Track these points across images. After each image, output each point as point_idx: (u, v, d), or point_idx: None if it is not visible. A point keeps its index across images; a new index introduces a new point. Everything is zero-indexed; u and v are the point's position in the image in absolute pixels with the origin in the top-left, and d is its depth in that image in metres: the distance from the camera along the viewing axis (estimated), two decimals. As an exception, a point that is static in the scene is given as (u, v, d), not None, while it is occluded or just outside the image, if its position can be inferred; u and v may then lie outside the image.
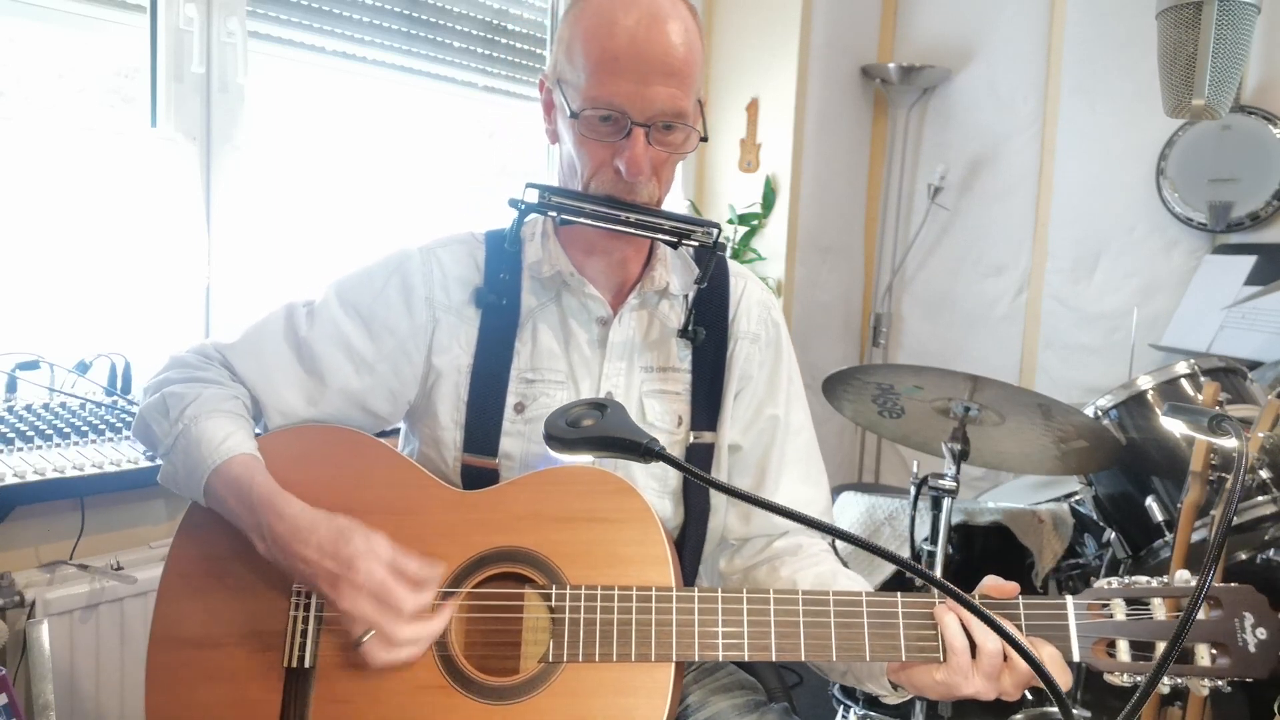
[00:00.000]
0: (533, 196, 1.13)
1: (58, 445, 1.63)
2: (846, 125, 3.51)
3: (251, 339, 1.21)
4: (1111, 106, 3.08)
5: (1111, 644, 1.01)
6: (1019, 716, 2.02)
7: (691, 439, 1.23)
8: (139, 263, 2.04)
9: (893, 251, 3.59)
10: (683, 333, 1.24)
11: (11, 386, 1.77)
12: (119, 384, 1.87)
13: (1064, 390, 3.12)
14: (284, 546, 1.04)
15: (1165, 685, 0.99)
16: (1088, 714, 1.95)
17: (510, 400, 1.20)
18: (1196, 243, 2.94)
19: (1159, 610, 1.01)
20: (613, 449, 0.95)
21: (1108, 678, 1.01)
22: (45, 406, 1.73)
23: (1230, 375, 1.89)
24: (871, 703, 2.13)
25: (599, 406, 0.98)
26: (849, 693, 2.17)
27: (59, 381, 1.83)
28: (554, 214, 1.12)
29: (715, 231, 1.14)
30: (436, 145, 2.67)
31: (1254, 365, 2.37)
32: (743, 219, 3.29)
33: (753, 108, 3.29)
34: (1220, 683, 0.99)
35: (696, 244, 1.14)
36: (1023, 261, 3.33)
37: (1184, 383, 1.89)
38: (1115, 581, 1.04)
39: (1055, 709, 1.89)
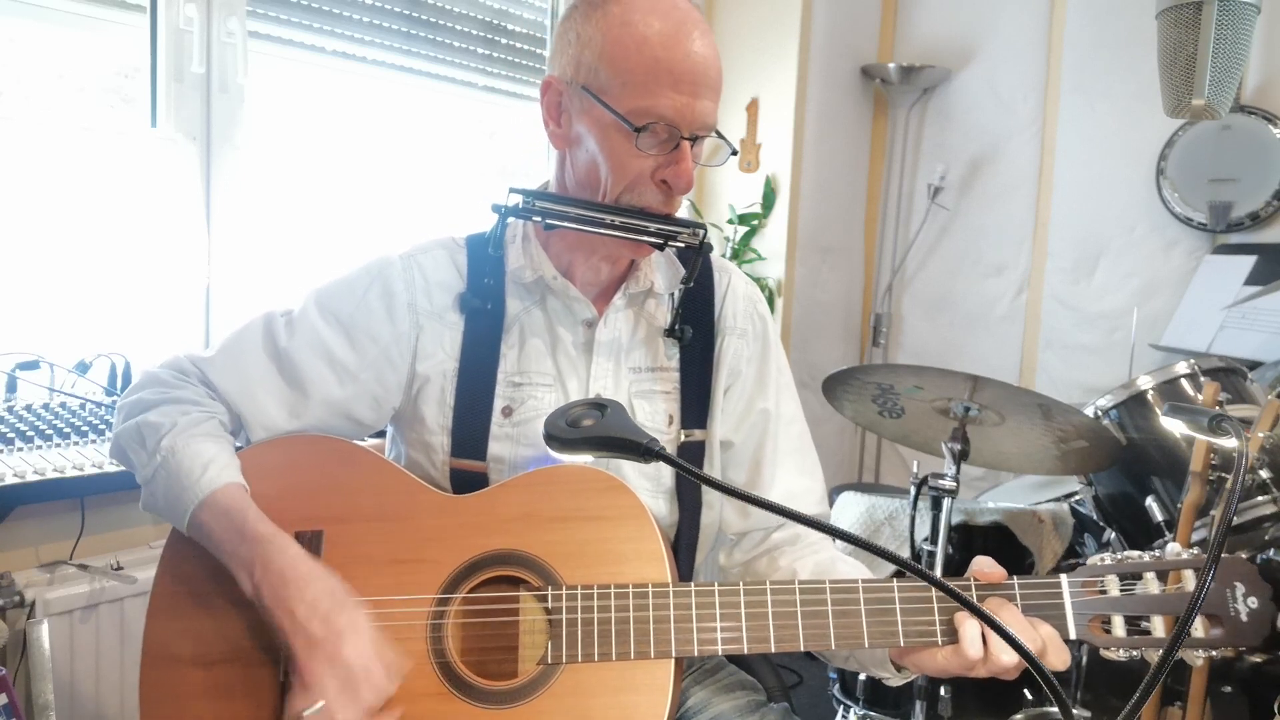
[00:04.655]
0: (515, 201, 1.12)
1: (58, 445, 1.63)
2: (846, 125, 3.51)
3: (230, 352, 1.18)
4: (1111, 106, 3.08)
5: (1107, 620, 1.01)
6: (1019, 717, 2.01)
7: (683, 437, 1.23)
8: (139, 263, 2.04)
9: (893, 251, 3.58)
10: (669, 332, 1.23)
11: (11, 386, 1.77)
12: (119, 384, 1.87)
13: (1064, 390, 3.12)
14: (273, 592, 1.01)
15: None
16: (1087, 714, 1.95)
17: (498, 404, 1.19)
18: (1196, 243, 2.94)
19: (1152, 584, 1.01)
20: (612, 449, 0.95)
21: (1104, 653, 1.02)
22: (45, 406, 1.73)
23: (1230, 375, 1.89)
24: (871, 702, 2.13)
25: (599, 406, 0.97)
26: (849, 692, 2.17)
27: (59, 381, 1.83)
28: (538, 219, 1.11)
29: (701, 232, 1.14)
30: (437, 145, 2.67)
31: (1254, 365, 2.37)
32: (743, 219, 3.28)
33: (753, 108, 3.29)
34: (1214, 652, 0.99)
35: (682, 245, 1.14)
36: (1023, 261, 3.33)
37: (1184, 383, 1.90)
38: (1108, 558, 1.04)
39: (1055, 709, 1.89)
